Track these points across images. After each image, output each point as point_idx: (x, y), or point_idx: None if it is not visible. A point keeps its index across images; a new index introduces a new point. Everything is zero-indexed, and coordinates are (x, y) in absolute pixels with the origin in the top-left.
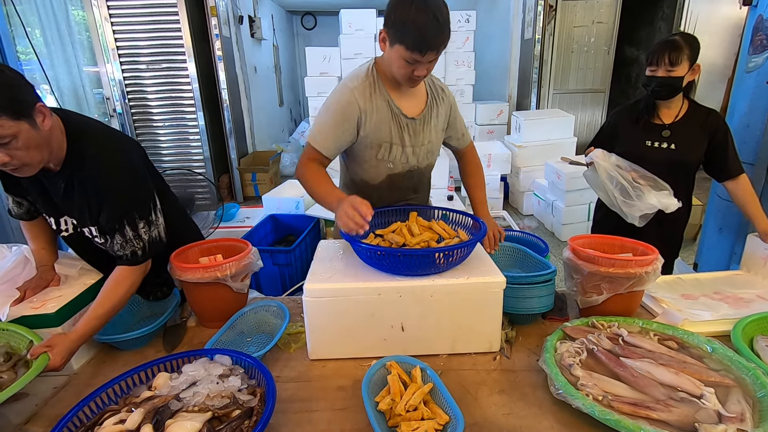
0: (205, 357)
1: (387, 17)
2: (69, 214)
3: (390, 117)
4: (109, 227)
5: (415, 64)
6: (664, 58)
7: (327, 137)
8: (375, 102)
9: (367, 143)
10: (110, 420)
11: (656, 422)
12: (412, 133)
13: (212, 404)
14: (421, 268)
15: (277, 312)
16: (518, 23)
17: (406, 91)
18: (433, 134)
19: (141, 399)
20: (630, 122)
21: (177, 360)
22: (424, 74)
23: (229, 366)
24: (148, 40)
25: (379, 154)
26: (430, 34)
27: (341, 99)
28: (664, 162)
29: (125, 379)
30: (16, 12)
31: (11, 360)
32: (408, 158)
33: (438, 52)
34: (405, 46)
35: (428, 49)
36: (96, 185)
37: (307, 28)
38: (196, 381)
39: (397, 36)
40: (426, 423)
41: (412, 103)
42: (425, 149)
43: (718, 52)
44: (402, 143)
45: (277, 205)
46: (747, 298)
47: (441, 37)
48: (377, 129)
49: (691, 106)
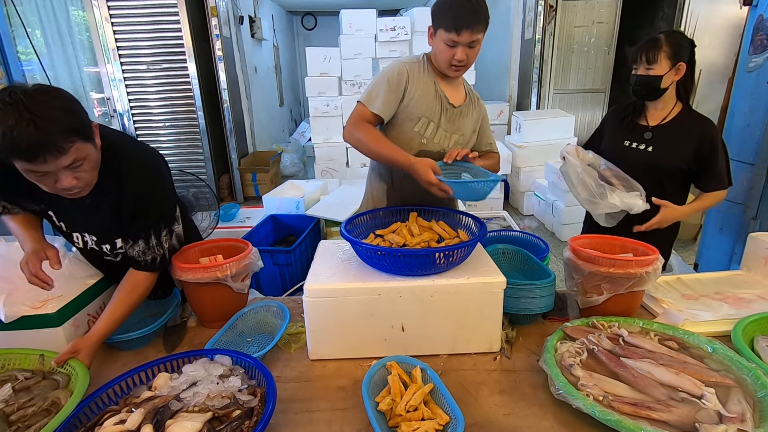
0: (205, 357)
1: (431, 13)
2: (88, 231)
3: (434, 95)
4: (135, 235)
5: (455, 47)
6: (641, 56)
7: (380, 99)
8: (423, 79)
9: (408, 113)
10: (110, 420)
11: (657, 422)
12: (450, 118)
13: (212, 404)
14: (421, 268)
15: (278, 312)
16: (518, 23)
17: (450, 82)
18: (467, 128)
19: (141, 399)
20: (617, 121)
21: (177, 360)
22: (464, 59)
23: (230, 366)
24: (148, 41)
25: (416, 127)
26: (464, 13)
27: (394, 68)
28: (639, 164)
29: (125, 379)
30: (16, 12)
31: (33, 378)
32: (441, 139)
33: (473, 33)
34: (444, 28)
35: (463, 27)
36: (132, 198)
37: (308, 29)
38: (197, 381)
39: (437, 21)
40: (426, 423)
41: (454, 93)
42: (456, 139)
43: (719, 52)
44: (439, 123)
45: (277, 206)
46: (747, 298)
47: (475, 17)
48: (420, 101)
49: (684, 110)
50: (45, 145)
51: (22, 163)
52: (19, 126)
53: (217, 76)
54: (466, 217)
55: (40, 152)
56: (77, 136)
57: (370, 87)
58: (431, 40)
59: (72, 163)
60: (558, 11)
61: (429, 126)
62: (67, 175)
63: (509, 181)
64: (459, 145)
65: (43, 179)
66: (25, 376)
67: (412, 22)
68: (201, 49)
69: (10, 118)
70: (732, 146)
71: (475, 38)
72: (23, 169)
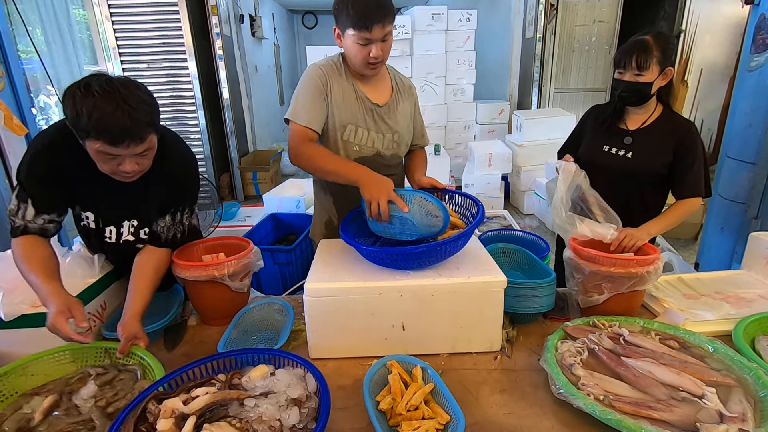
0: (302, 368)
1: (334, 12)
2: (129, 218)
3: (355, 99)
4: (164, 211)
5: (368, 45)
6: (631, 61)
7: (308, 111)
8: (341, 82)
9: (333, 122)
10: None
11: (657, 422)
12: (377, 118)
13: (257, 428)
14: (423, 260)
15: (281, 309)
16: (519, 22)
17: (370, 80)
18: (401, 124)
19: (225, 380)
20: (596, 123)
21: (284, 358)
22: (380, 54)
23: (307, 392)
24: (148, 39)
25: (345, 135)
26: (371, 9)
27: (311, 74)
28: (617, 170)
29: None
30: (17, 10)
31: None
32: (374, 142)
33: (385, 26)
34: (352, 27)
35: (373, 22)
36: (168, 173)
37: (308, 27)
38: (270, 393)
39: (343, 22)
40: (427, 422)
41: (377, 92)
42: (390, 137)
43: (720, 52)
44: (367, 127)
45: (277, 204)
46: (748, 297)
47: (383, 10)
48: (342, 108)
49: (664, 113)
50: (132, 134)
51: (103, 145)
52: (116, 114)
53: (217, 74)
54: (460, 196)
55: (126, 139)
56: (154, 128)
57: (294, 99)
58: (340, 42)
59: (143, 151)
60: (559, 10)
61: (357, 131)
62: (131, 161)
63: (510, 181)
64: (395, 143)
65: (110, 161)
66: (98, 372)
67: (413, 21)
68: (201, 47)
69: (108, 105)
70: (733, 145)
71: (387, 31)
72: (98, 150)
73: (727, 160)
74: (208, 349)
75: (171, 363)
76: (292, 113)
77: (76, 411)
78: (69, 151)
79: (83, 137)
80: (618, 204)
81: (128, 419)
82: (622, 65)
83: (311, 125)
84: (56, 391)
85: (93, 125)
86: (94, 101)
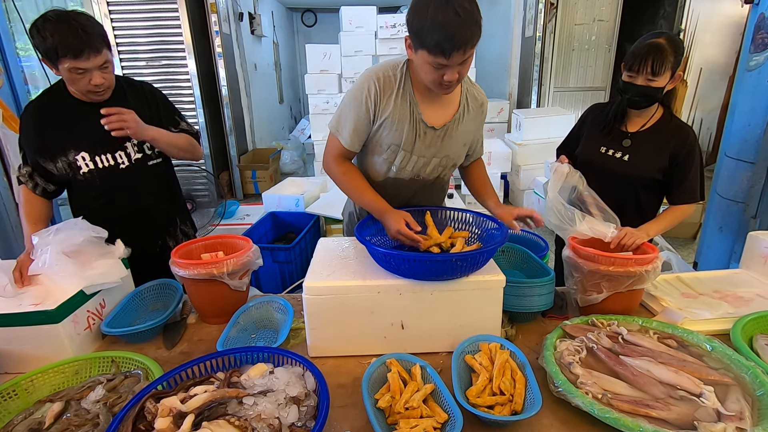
0: (302, 367)
1: (408, 21)
2: (130, 140)
3: (408, 121)
4: (172, 118)
5: (442, 69)
6: (646, 65)
7: (350, 131)
8: (396, 100)
9: (376, 140)
10: (198, 388)
11: (655, 420)
12: (429, 142)
13: (256, 426)
14: (444, 273)
15: (279, 307)
16: (519, 21)
17: (436, 98)
18: (454, 147)
19: (223, 378)
20: (596, 124)
21: (283, 356)
22: (456, 78)
23: (306, 390)
24: (147, 37)
25: (385, 154)
26: (452, 34)
27: (362, 88)
28: (614, 172)
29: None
30: (15, 8)
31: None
32: (415, 167)
33: (466, 53)
34: (427, 51)
35: (453, 50)
36: (149, 92)
37: (308, 25)
38: (269, 391)
39: (419, 40)
40: (425, 421)
41: (438, 112)
42: (437, 162)
43: (719, 51)
44: (411, 151)
45: (277, 203)
46: (747, 296)
47: (465, 35)
48: (390, 129)
49: (664, 116)
50: (88, 44)
51: (69, 61)
52: (70, 32)
53: (216, 73)
54: (476, 217)
55: (85, 49)
56: (105, 42)
57: (339, 111)
58: (410, 53)
59: (103, 64)
60: (559, 9)
61: (399, 154)
62: (97, 74)
63: (509, 179)
64: (440, 167)
65: (81, 78)
66: (108, 378)
67: None
68: (200, 45)
69: (64, 25)
70: (732, 145)
71: (468, 55)
72: (69, 68)
73: (726, 160)
74: (207, 347)
75: (170, 361)
76: (335, 126)
77: (85, 412)
78: (52, 104)
79: (54, 60)
80: (613, 206)
81: (127, 418)
82: (635, 69)
83: (350, 147)
84: (67, 398)
85: (57, 43)
86: (53, 25)
